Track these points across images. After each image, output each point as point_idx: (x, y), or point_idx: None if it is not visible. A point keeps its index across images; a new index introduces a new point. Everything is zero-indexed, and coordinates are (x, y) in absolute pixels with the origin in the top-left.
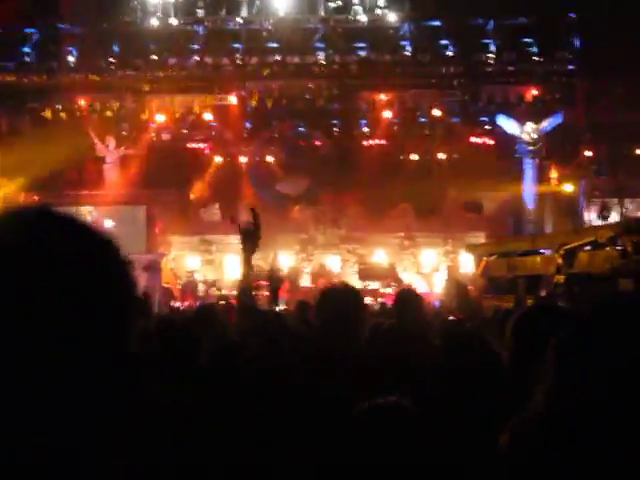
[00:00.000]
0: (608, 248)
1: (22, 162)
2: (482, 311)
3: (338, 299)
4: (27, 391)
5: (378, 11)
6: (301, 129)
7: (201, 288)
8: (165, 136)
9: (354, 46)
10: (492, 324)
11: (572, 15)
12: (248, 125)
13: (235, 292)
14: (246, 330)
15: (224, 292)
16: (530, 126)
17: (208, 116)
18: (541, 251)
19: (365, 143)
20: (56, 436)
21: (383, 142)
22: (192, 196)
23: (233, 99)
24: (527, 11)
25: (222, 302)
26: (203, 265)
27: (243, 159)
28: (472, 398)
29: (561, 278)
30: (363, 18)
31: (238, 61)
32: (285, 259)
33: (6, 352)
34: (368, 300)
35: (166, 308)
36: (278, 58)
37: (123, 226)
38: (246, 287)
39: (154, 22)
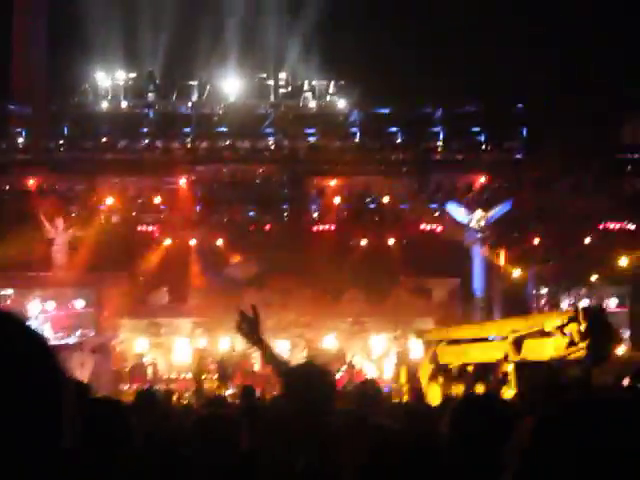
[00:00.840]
0: (556, 336)
1: None
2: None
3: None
4: None
5: (328, 97)
6: (251, 213)
7: (149, 371)
8: (115, 218)
9: (304, 132)
10: (440, 412)
11: (519, 105)
12: (198, 208)
13: (188, 375)
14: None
15: (173, 376)
16: (479, 214)
17: (158, 199)
18: (490, 338)
19: (315, 228)
20: None
21: (332, 227)
22: (141, 279)
23: (183, 183)
24: (475, 100)
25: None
26: (152, 348)
27: (192, 242)
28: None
29: (509, 366)
30: (313, 104)
31: (188, 145)
32: (234, 343)
33: None
34: None
35: (114, 391)
36: (228, 142)
37: (71, 308)
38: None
39: (104, 105)
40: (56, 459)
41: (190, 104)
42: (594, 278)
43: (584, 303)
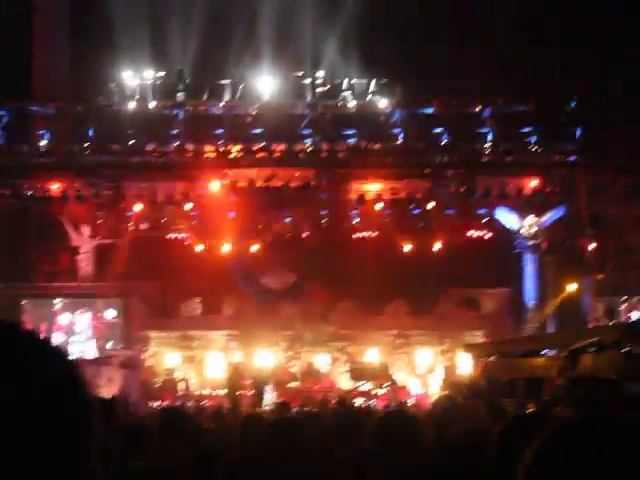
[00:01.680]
0: (613, 350)
1: None
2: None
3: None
4: None
5: (368, 97)
6: (287, 220)
7: (181, 387)
8: (143, 225)
9: (343, 133)
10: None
11: (573, 104)
12: (231, 215)
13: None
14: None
15: (205, 392)
16: (530, 219)
17: (189, 205)
18: (543, 352)
19: (355, 235)
20: None
21: (374, 234)
22: (172, 289)
23: (215, 187)
24: (526, 98)
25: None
26: (183, 362)
27: (226, 250)
28: None
29: (563, 381)
30: (352, 104)
31: (220, 148)
32: (270, 357)
33: None
34: (359, 402)
35: (144, 408)
36: (263, 145)
37: (98, 321)
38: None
39: (132, 105)
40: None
41: (222, 104)
42: None
43: None
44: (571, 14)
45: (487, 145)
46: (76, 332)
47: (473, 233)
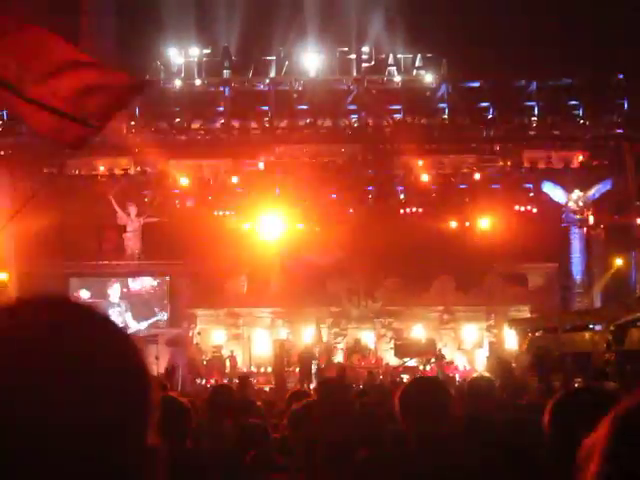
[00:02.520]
0: None
1: (39, 230)
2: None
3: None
4: None
5: (414, 72)
6: (333, 196)
7: (227, 365)
8: (189, 203)
9: (389, 108)
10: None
11: (620, 76)
12: (277, 191)
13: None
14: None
15: (252, 369)
16: (577, 194)
17: (235, 182)
18: (590, 327)
19: (402, 211)
20: None
21: (420, 210)
22: (218, 267)
23: (261, 164)
24: (572, 72)
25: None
26: (229, 340)
27: (271, 227)
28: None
29: (612, 356)
30: (398, 79)
31: (266, 124)
32: (316, 334)
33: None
34: (405, 378)
35: (191, 385)
36: (309, 121)
37: (145, 299)
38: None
39: (177, 83)
40: (144, 456)
41: (268, 81)
42: None
43: None
44: None
45: (533, 119)
46: (124, 309)
47: (520, 208)
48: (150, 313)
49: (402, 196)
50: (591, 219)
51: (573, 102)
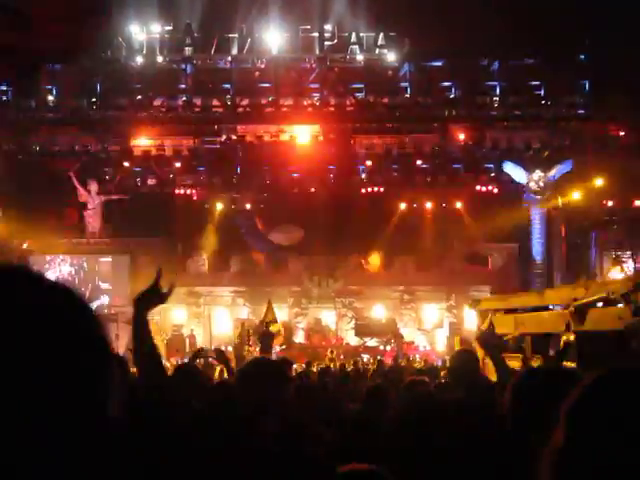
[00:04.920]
0: (621, 305)
1: None
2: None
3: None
4: None
5: (376, 51)
6: (295, 175)
7: (187, 343)
8: (151, 181)
9: (351, 87)
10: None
11: (582, 57)
12: (239, 170)
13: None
14: None
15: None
16: (538, 174)
17: (196, 160)
18: (550, 307)
19: (363, 190)
20: None
21: (381, 189)
22: (179, 245)
23: (222, 142)
24: (534, 52)
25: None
26: (190, 319)
27: (233, 206)
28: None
29: (571, 336)
30: (360, 58)
31: (228, 102)
32: (277, 313)
33: None
34: (365, 358)
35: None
36: (271, 99)
37: (105, 277)
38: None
39: (139, 60)
40: (104, 427)
41: (230, 58)
42: None
43: None
44: None
45: (495, 99)
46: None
47: (481, 188)
48: (102, 293)
49: (363, 175)
50: (552, 200)
51: (535, 82)
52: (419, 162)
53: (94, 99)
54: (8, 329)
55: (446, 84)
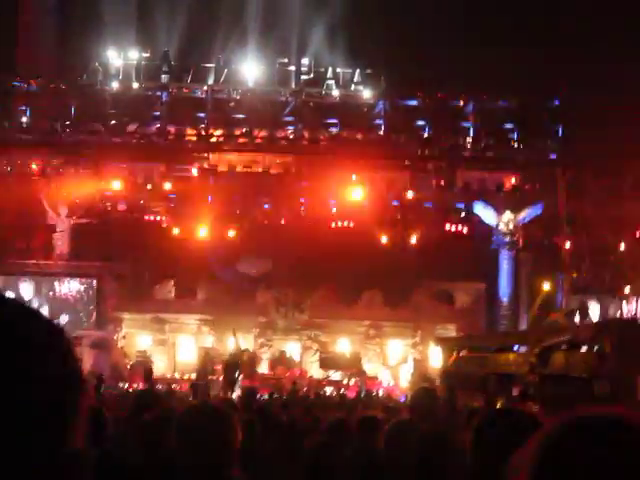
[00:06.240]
0: (585, 348)
1: None
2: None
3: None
4: None
5: (352, 87)
6: (266, 206)
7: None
8: (121, 206)
9: (326, 122)
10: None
11: (556, 102)
12: (210, 199)
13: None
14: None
15: (176, 376)
16: (508, 216)
17: (168, 187)
18: (515, 348)
19: (333, 224)
20: None
21: (352, 224)
22: (146, 271)
23: (195, 171)
24: (509, 94)
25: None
26: (155, 345)
27: (203, 234)
28: None
29: (535, 378)
30: (336, 93)
31: (202, 131)
32: (242, 343)
33: None
34: (329, 391)
35: (114, 390)
36: (245, 130)
37: (71, 300)
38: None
39: (115, 85)
40: (66, 459)
41: (206, 88)
42: (627, 289)
43: (616, 315)
44: (556, 15)
45: (468, 140)
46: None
47: (451, 227)
48: (76, 318)
49: (334, 210)
50: (520, 242)
51: (508, 125)
52: (390, 198)
53: (68, 122)
54: None
55: (420, 123)
